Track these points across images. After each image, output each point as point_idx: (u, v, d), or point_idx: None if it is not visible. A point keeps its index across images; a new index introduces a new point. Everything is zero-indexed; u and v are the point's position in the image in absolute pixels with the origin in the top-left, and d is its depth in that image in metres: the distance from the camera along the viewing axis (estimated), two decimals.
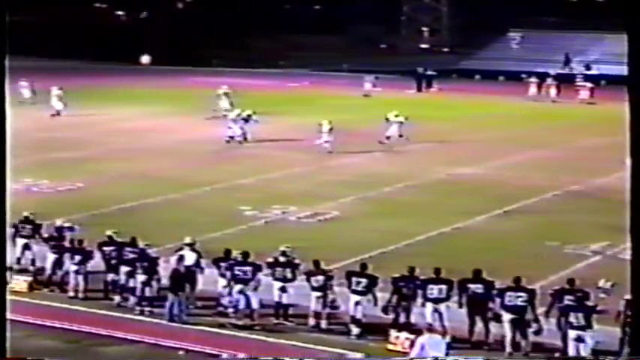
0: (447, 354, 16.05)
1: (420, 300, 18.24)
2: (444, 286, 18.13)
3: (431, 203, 29.44)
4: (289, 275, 19.05)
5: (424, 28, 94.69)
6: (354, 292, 18.42)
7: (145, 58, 79.63)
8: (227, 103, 46.06)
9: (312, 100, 51.04)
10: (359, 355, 17.31)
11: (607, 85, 57.89)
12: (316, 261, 19.11)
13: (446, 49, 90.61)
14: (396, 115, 39.37)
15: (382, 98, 55.51)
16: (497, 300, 17.64)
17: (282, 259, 19.39)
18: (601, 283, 18.04)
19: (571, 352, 16.72)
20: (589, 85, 56.98)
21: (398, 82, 62.53)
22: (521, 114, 49.42)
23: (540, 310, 17.62)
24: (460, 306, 18.14)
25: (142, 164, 35.11)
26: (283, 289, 18.94)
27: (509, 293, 17.55)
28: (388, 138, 38.61)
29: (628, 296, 16.89)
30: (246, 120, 39.69)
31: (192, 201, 29.39)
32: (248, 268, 18.93)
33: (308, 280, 18.84)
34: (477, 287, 17.99)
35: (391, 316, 18.33)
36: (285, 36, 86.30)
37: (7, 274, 11.67)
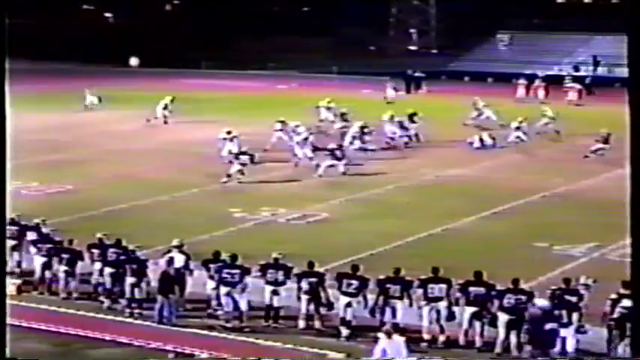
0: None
1: (406, 301, 18.24)
2: (443, 285, 18.10)
3: (420, 205, 29.47)
4: (281, 278, 19.03)
5: (412, 30, 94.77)
6: (345, 293, 18.37)
7: (134, 60, 79.57)
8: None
9: (300, 103, 50.91)
10: (340, 355, 17.32)
11: (594, 86, 58.34)
12: (311, 262, 19.09)
13: (434, 51, 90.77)
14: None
15: (371, 100, 55.60)
16: (496, 302, 17.58)
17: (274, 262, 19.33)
18: (582, 279, 18.01)
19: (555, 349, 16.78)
20: (577, 86, 57.09)
21: (387, 83, 62.41)
22: (509, 115, 49.46)
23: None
24: (457, 305, 17.94)
25: (132, 166, 35.07)
26: (275, 292, 18.92)
27: (508, 295, 17.49)
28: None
29: (614, 295, 16.97)
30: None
31: (182, 203, 29.38)
32: (236, 271, 18.89)
33: (299, 281, 18.81)
34: (478, 290, 17.85)
35: (378, 317, 18.31)
36: (273, 38, 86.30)
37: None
